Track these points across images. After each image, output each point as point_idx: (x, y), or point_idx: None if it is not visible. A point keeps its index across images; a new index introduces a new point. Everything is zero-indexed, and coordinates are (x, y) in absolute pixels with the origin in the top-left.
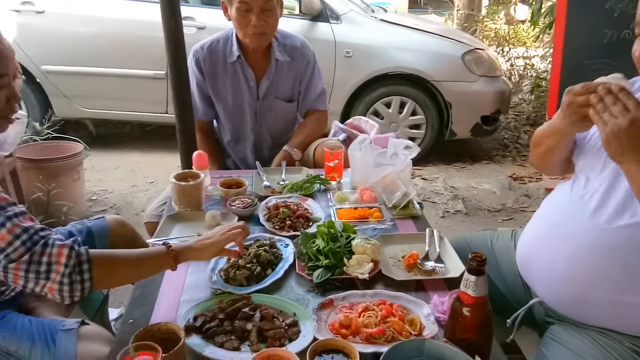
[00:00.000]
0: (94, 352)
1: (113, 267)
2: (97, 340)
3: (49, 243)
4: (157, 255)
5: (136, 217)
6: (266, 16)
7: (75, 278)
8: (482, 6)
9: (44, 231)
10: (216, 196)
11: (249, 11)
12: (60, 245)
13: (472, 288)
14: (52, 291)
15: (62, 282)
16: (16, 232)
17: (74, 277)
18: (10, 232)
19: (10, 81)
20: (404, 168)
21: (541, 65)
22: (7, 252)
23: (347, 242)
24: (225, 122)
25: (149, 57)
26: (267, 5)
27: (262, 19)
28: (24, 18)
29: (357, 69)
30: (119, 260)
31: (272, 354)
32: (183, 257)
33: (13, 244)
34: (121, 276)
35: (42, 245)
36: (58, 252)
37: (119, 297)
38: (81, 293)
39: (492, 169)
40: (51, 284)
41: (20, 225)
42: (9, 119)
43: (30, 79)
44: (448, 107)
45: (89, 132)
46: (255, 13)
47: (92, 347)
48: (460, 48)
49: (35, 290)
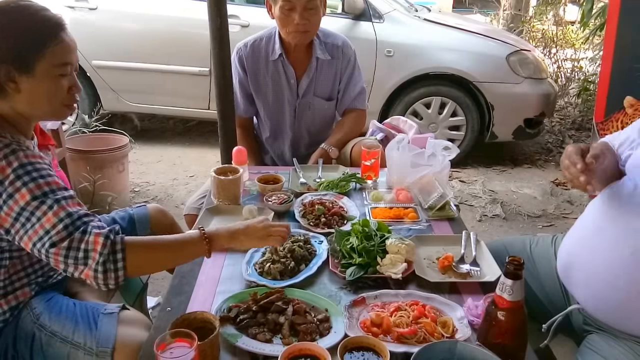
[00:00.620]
0: (133, 335)
1: (147, 254)
2: (136, 324)
3: (87, 230)
4: (191, 241)
5: (176, 210)
6: (309, 15)
7: (109, 267)
8: (530, 6)
9: (87, 217)
10: (253, 191)
11: (292, 10)
12: (96, 234)
13: (509, 292)
14: (88, 277)
15: (96, 269)
16: (61, 216)
17: (107, 266)
18: (56, 215)
19: (72, 71)
20: (441, 169)
21: (590, 68)
22: (50, 235)
23: (381, 241)
24: (265, 119)
25: (194, 54)
26: (310, 4)
27: (305, 17)
28: (78, 14)
29: (397, 68)
30: (153, 247)
31: (303, 348)
32: (217, 244)
33: (56, 227)
34: (156, 263)
35: (81, 232)
36: (94, 240)
37: (157, 287)
38: (115, 281)
39: (534, 174)
40: (87, 270)
41: (66, 209)
42: (71, 107)
43: (81, 73)
44: (490, 109)
45: (134, 126)
46: (298, 12)
47: (131, 331)
48: (505, 49)
49: (74, 274)
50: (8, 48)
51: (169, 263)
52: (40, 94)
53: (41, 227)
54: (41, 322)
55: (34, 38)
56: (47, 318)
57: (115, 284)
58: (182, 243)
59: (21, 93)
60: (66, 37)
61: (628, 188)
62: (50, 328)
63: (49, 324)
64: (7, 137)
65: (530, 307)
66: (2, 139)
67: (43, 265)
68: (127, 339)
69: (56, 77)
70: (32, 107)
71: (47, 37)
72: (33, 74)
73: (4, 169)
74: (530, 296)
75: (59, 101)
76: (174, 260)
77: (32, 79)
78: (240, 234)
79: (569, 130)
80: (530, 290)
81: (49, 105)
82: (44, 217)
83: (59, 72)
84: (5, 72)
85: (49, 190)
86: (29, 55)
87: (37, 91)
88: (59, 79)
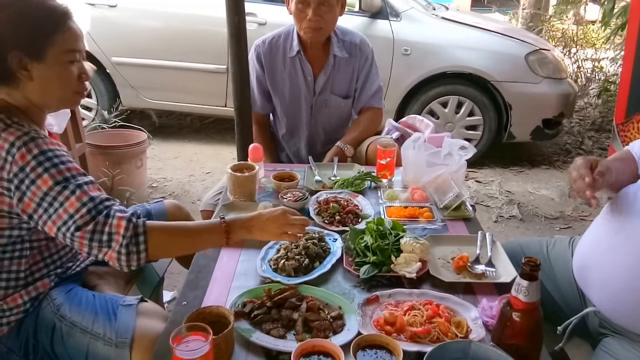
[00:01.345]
0: (151, 327)
1: (168, 238)
2: (154, 316)
3: (111, 214)
4: (212, 229)
5: (192, 205)
6: (322, 12)
7: (132, 249)
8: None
9: (108, 201)
10: (269, 188)
11: (307, 6)
12: (119, 217)
13: (524, 293)
14: (111, 259)
15: (120, 251)
16: (84, 200)
17: (130, 248)
18: (78, 199)
19: (81, 58)
20: (458, 169)
21: (611, 68)
22: (75, 219)
23: (396, 240)
24: (281, 116)
25: (211, 52)
26: (324, 1)
27: (318, 14)
28: (98, 11)
29: (414, 67)
30: (173, 232)
31: (316, 344)
32: (236, 235)
33: (80, 211)
34: (176, 247)
35: (105, 216)
36: (117, 223)
37: (173, 281)
38: (137, 262)
39: (552, 175)
40: (111, 252)
41: (88, 194)
42: (82, 94)
43: (100, 70)
44: (508, 109)
45: (152, 122)
46: (312, 8)
47: (149, 322)
48: (523, 48)
49: (99, 257)
50: (19, 36)
51: (188, 248)
52: (52, 80)
53: (65, 211)
54: (62, 313)
55: (44, 25)
56: (67, 309)
57: (137, 265)
58: (202, 230)
59: (34, 81)
60: (74, 25)
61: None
62: (70, 319)
63: (69, 315)
64: (25, 126)
65: (546, 309)
66: (20, 127)
67: (62, 255)
68: (146, 331)
69: (66, 64)
70: (44, 94)
71: (57, 24)
72: (44, 61)
73: (24, 156)
74: (546, 298)
75: (70, 88)
76: (193, 246)
77: (43, 65)
78: (257, 229)
79: (588, 132)
80: (546, 292)
81: (61, 91)
82: (67, 201)
83: (68, 58)
84: (18, 60)
85: (70, 176)
86: (40, 42)
87: (49, 78)
88: (69, 65)
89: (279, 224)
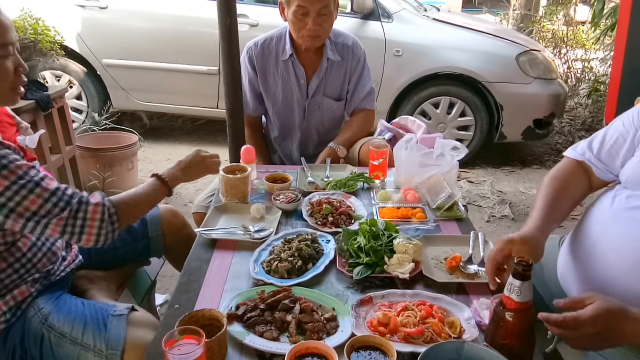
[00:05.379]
0: (142, 337)
1: (132, 209)
2: (145, 326)
3: (83, 201)
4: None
5: (184, 208)
6: (322, 20)
7: (108, 229)
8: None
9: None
10: (261, 190)
11: (306, 15)
12: (94, 204)
13: (517, 293)
14: (88, 242)
15: (98, 234)
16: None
17: (108, 228)
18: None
19: (15, 51)
20: (450, 169)
21: (600, 68)
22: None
23: (389, 240)
24: (274, 119)
25: (203, 53)
26: (324, 10)
27: (318, 23)
28: (88, 13)
29: (406, 68)
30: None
31: (310, 346)
32: (174, 182)
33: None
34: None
35: (78, 203)
36: (93, 209)
37: (165, 284)
38: (112, 239)
39: (543, 175)
40: (87, 237)
41: (48, 189)
42: (19, 91)
43: (91, 72)
44: (499, 109)
45: (143, 124)
46: (312, 17)
47: (140, 332)
48: (514, 49)
49: (71, 241)
50: None
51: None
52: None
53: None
54: (50, 323)
55: None
56: (55, 319)
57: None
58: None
59: None
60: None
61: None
62: (59, 329)
63: (57, 325)
64: None
65: (537, 309)
66: None
67: (30, 258)
68: (137, 341)
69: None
70: None
71: None
72: None
73: None
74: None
75: (7, 85)
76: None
77: None
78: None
79: (579, 131)
80: (536, 293)
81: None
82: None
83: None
84: None
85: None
86: None
87: None
88: (2, 60)
89: (198, 164)
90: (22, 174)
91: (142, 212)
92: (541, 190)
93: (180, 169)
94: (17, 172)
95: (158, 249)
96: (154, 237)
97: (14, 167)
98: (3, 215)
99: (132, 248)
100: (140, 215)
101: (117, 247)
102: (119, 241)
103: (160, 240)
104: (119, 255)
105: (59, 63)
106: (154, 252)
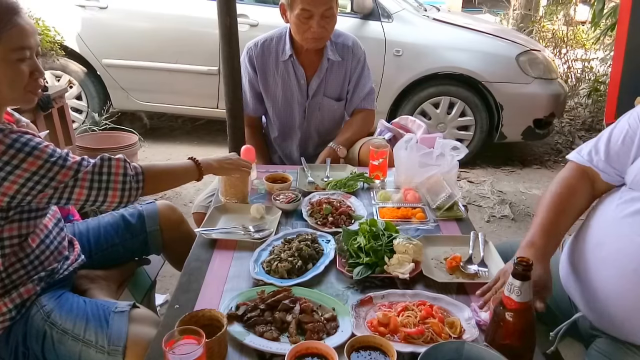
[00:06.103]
0: (144, 333)
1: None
2: (147, 322)
3: (105, 158)
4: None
5: (185, 208)
6: (326, 22)
7: (132, 185)
8: (540, 6)
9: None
10: (261, 190)
11: (310, 18)
12: (116, 159)
13: (517, 293)
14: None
15: (123, 188)
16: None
17: (132, 185)
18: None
19: (33, 55)
20: (450, 169)
21: (600, 68)
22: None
23: (389, 240)
24: (274, 119)
25: (203, 53)
26: (327, 12)
27: (322, 25)
28: (89, 13)
29: (406, 68)
30: (161, 170)
31: (310, 346)
32: (206, 168)
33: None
34: (162, 183)
35: (101, 159)
36: (116, 164)
37: (165, 284)
38: (136, 197)
39: (543, 174)
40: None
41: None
42: (36, 93)
43: (91, 72)
44: (499, 109)
45: (144, 124)
46: (316, 20)
47: (142, 329)
48: (514, 49)
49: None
50: None
51: (170, 185)
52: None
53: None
54: (52, 320)
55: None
56: (58, 316)
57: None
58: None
59: None
60: (21, 21)
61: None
62: (61, 326)
63: (59, 322)
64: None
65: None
66: None
67: (39, 255)
68: (138, 337)
69: (14, 62)
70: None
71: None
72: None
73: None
74: None
75: (21, 87)
76: (175, 183)
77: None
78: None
79: (579, 131)
80: None
81: (10, 92)
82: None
83: (16, 56)
84: None
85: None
86: None
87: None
88: (18, 64)
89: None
90: (52, 152)
91: (167, 184)
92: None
93: (215, 159)
94: (46, 151)
95: (157, 245)
96: (152, 232)
97: (43, 146)
98: (37, 191)
99: (131, 244)
100: (165, 187)
101: (116, 243)
102: (117, 237)
103: (159, 236)
104: (119, 252)
105: (59, 63)
106: (153, 249)
